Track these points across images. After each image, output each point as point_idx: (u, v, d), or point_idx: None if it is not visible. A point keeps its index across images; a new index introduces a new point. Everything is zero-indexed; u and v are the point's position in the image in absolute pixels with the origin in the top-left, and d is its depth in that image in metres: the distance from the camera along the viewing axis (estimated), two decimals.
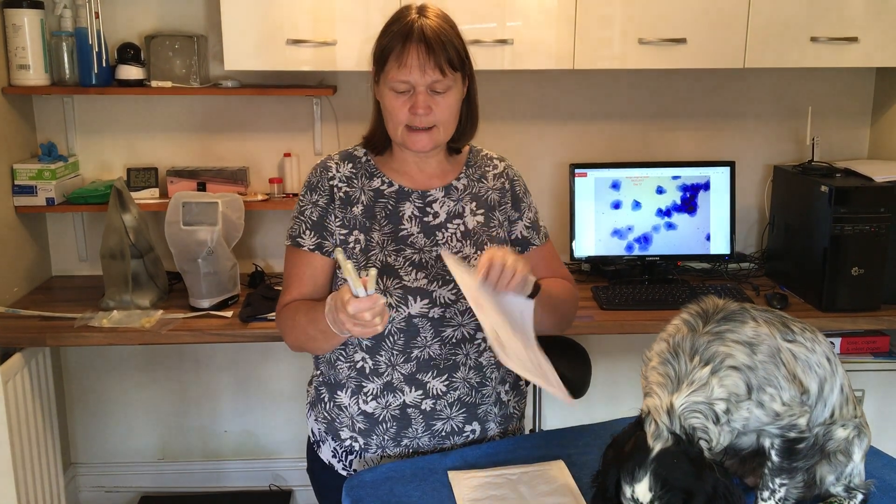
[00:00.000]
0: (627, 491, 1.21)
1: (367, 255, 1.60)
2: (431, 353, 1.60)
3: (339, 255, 1.38)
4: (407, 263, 1.59)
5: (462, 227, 1.66)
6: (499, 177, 1.73)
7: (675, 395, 1.22)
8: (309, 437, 1.77)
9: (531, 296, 1.52)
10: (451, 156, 1.72)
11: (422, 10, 1.58)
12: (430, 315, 1.58)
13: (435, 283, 1.59)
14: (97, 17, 2.63)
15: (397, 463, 1.57)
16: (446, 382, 1.61)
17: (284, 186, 2.89)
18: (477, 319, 1.59)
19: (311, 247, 1.63)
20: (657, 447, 1.20)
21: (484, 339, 1.63)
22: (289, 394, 3.14)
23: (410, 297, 1.57)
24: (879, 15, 2.59)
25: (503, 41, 2.53)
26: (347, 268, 1.35)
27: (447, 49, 1.54)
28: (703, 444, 1.20)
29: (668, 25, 2.57)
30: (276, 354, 3.11)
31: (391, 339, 1.59)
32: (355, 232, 1.62)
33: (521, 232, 1.73)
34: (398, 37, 1.54)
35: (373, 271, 1.38)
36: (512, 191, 1.74)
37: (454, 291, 1.59)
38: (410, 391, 1.61)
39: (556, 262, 1.80)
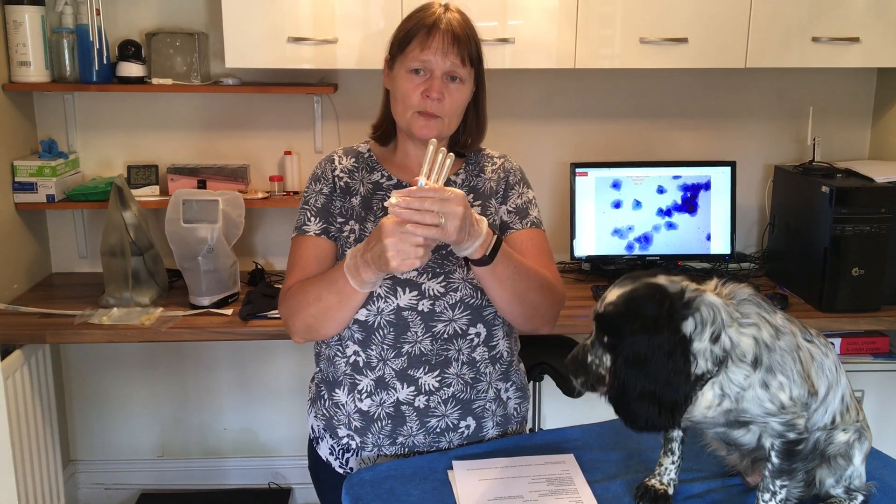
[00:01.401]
0: (607, 291, 1.27)
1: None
2: (423, 349, 1.60)
3: (433, 144, 1.40)
4: None
5: None
6: (496, 170, 1.75)
7: (705, 285, 1.27)
8: (309, 433, 1.78)
9: (489, 256, 1.46)
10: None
11: (447, 7, 1.63)
12: (420, 308, 1.59)
13: (424, 275, 1.60)
14: (98, 13, 2.63)
15: (397, 462, 1.57)
16: (439, 378, 1.61)
17: (285, 184, 2.89)
18: (468, 314, 1.60)
19: (317, 231, 1.64)
20: (650, 279, 1.24)
21: (477, 335, 1.63)
22: (288, 392, 3.14)
23: (399, 289, 1.58)
24: (881, 15, 2.59)
25: (504, 40, 2.53)
26: (434, 154, 1.38)
27: (470, 43, 1.60)
28: (689, 321, 1.21)
29: (670, 25, 2.57)
30: (276, 352, 3.11)
31: (381, 333, 1.59)
32: (351, 222, 1.64)
33: (502, 216, 1.71)
34: (424, 23, 1.58)
35: (449, 160, 1.40)
36: (506, 180, 1.74)
37: (443, 284, 1.60)
38: (403, 388, 1.61)
39: (541, 256, 1.68)
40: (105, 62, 2.68)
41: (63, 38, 2.71)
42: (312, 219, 1.65)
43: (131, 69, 2.71)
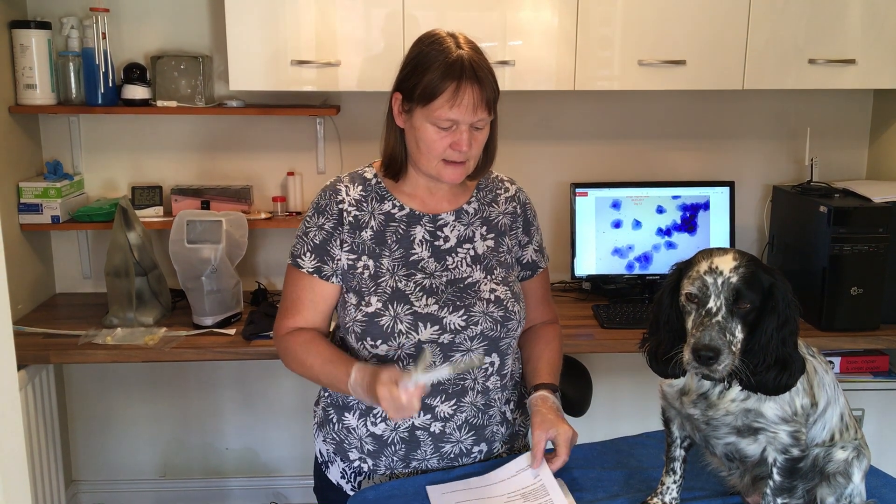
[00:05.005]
0: (703, 265, 1.27)
1: (376, 281, 1.59)
2: (440, 379, 1.60)
3: (428, 352, 1.50)
4: (417, 289, 1.59)
5: (472, 252, 1.65)
6: (510, 200, 1.73)
7: None
8: (316, 457, 1.76)
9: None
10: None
11: (456, 40, 1.55)
12: (440, 341, 1.58)
13: (445, 308, 1.59)
14: (104, 37, 2.66)
15: (401, 481, 1.58)
16: (454, 406, 1.61)
17: (288, 205, 2.91)
18: (485, 345, 1.61)
19: (310, 269, 1.62)
20: (722, 251, 1.32)
21: (491, 364, 1.64)
22: (291, 412, 3.15)
23: (420, 324, 1.57)
24: (877, 37, 2.62)
25: (504, 62, 2.56)
26: (426, 361, 1.46)
27: (493, 88, 1.55)
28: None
29: (668, 47, 2.60)
30: (279, 372, 3.11)
31: (400, 365, 1.58)
32: (364, 258, 1.61)
33: (530, 256, 1.75)
34: (450, 74, 1.50)
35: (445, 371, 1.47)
36: (524, 215, 1.74)
37: (464, 318, 1.59)
38: (419, 415, 1.60)
39: (548, 287, 1.84)
40: (110, 85, 2.71)
41: (69, 61, 2.75)
42: (308, 254, 1.63)
43: (136, 91, 2.74)
